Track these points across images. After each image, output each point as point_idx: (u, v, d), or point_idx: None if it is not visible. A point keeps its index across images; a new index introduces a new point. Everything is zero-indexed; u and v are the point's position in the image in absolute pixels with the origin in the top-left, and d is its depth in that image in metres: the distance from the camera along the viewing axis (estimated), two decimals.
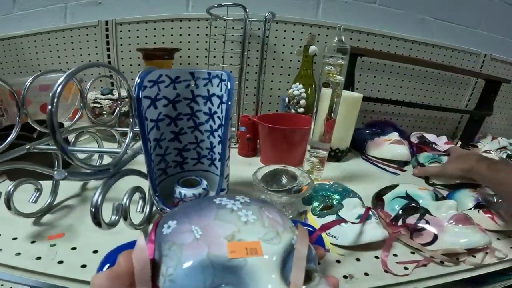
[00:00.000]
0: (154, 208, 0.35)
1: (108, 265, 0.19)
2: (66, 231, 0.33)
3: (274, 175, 0.41)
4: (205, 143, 0.40)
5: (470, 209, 0.42)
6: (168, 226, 0.18)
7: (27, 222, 0.34)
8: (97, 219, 0.24)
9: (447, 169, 0.51)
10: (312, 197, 0.40)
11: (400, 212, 0.39)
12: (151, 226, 0.20)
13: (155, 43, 0.74)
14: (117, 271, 0.16)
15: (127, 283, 0.16)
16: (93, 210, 0.24)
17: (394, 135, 0.72)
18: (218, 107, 0.36)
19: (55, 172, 0.22)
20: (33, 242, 0.31)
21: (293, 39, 0.78)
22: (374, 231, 0.34)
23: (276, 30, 0.76)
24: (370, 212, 0.36)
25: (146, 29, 0.73)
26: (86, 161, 0.24)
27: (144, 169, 0.33)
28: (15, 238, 0.31)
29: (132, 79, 0.77)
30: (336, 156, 0.63)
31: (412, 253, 0.34)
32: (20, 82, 0.59)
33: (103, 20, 0.72)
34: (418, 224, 0.36)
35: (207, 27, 0.68)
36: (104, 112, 0.58)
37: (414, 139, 0.80)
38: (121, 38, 0.74)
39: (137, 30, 0.73)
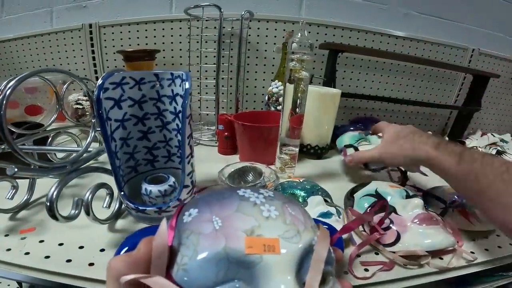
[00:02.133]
0: (123, 205, 0.37)
1: (126, 248, 0.20)
2: (38, 226, 0.35)
3: (242, 172, 0.43)
4: (173, 141, 0.41)
5: (444, 207, 0.41)
6: (189, 214, 0.18)
7: (4, 217, 0.36)
8: (52, 212, 0.25)
9: (387, 154, 0.41)
10: None
11: (368, 210, 0.38)
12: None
13: (138, 44, 0.75)
14: (136, 257, 0.16)
15: (144, 269, 0.15)
16: (48, 204, 0.25)
17: None
18: (182, 106, 0.37)
19: (7, 168, 0.23)
20: (6, 235, 0.33)
21: (275, 36, 0.78)
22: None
23: (258, 28, 0.77)
24: (331, 210, 0.36)
25: (129, 31, 0.75)
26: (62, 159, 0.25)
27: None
28: None
29: None
30: (316, 153, 0.64)
31: (376, 253, 0.33)
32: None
33: (87, 23, 0.73)
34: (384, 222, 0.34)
35: (189, 28, 0.69)
36: (87, 113, 0.60)
37: None
38: (105, 40, 0.75)
39: (121, 32, 0.75)
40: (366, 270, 0.30)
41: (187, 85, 0.33)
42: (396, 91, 0.92)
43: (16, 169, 0.24)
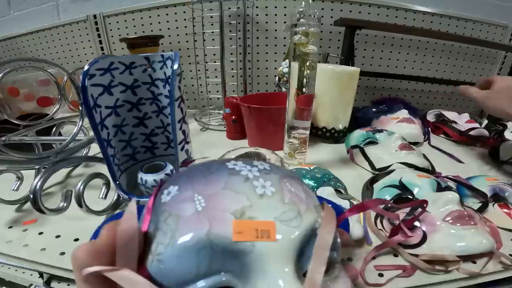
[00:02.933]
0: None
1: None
2: (40, 217, 0.34)
3: (245, 158, 0.39)
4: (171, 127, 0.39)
5: (483, 202, 0.34)
6: (168, 193, 0.15)
7: (10, 209, 0.36)
8: (36, 205, 0.24)
9: (492, 101, 0.40)
10: None
11: (389, 205, 0.31)
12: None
13: (144, 32, 0.74)
14: (96, 245, 0.13)
15: (108, 259, 0.13)
16: (32, 196, 0.24)
17: (403, 113, 0.65)
18: (170, 89, 0.34)
19: None
20: (10, 227, 0.33)
21: (285, 15, 0.73)
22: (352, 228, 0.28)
23: (266, 7, 0.72)
24: (344, 204, 0.31)
25: (133, 19, 0.73)
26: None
27: None
28: None
29: None
30: (332, 137, 0.59)
31: (395, 255, 0.28)
32: (19, 78, 0.63)
33: (91, 14, 0.73)
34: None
35: (193, 11, 0.66)
36: None
37: (430, 117, 0.72)
38: (111, 30, 0.75)
39: (125, 21, 0.73)
40: (381, 275, 0.26)
41: (175, 66, 0.30)
42: (426, 70, 0.83)
43: None
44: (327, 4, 0.72)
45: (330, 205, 0.16)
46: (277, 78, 0.65)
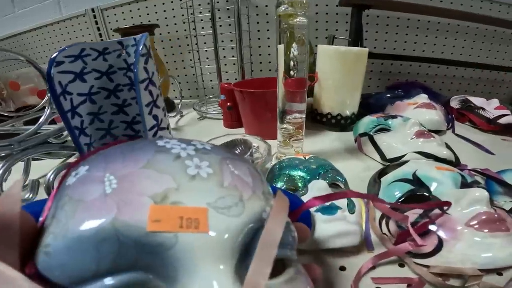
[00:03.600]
0: None
1: None
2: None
3: (233, 147, 0.36)
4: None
5: None
6: (75, 174, 0.12)
7: None
8: None
9: None
10: (275, 176, 0.30)
11: (398, 202, 0.27)
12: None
13: (141, 22, 0.73)
14: None
15: None
16: None
17: (422, 98, 0.58)
18: (151, 74, 0.32)
19: None
20: None
21: None
22: (345, 231, 0.23)
23: None
24: (338, 202, 0.24)
25: (130, 11, 0.73)
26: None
27: None
28: None
29: None
30: (338, 124, 0.54)
31: (401, 265, 0.23)
32: (22, 73, 0.65)
33: (89, 8, 0.73)
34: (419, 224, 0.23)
35: None
36: None
37: (454, 103, 0.64)
38: (109, 22, 0.75)
39: (122, 12, 0.73)
40: None
41: (140, 48, 0.28)
42: (449, 53, 0.74)
43: None
44: None
45: (285, 195, 0.13)
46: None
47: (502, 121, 0.52)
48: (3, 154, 0.25)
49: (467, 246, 0.21)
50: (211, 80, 0.66)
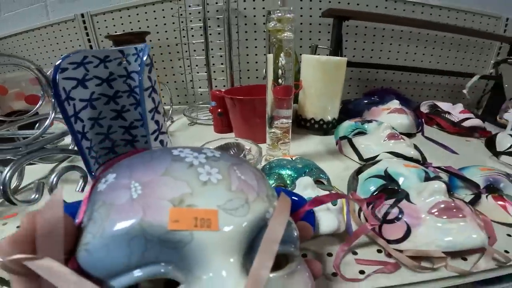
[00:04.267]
0: None
1: None
2: (20, 211, 0.34)
3: (226, 149, 0.39)
4: None
5: (476, 193, 0.32)
6: (105, 181, 0.14)
7: None
8: (6, 196, 0.24)
9: None
10: (266, 175, 0.34)
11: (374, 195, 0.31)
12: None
13: (132, 29, 0.74)
14: (16, 234, 0.12)
15: (30, 249, 0.12)
16: (1, 187, 0.24)
17: (394, 103, 0.64)
18: (153, 82, 0.34)
19: None
20: None
21: None
22: (327, 219, 0.26)
23: (254, 0, 0.71)
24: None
25: (121, 17, 0.74)
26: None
27: None
28: None
29: None
30: (321, 128, 0.59)
31: (379, 251, 0.26)
32: (9, 77, 0.64)
33: (78, 13, 0.73)
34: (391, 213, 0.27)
35: (180, 7, 0.66)
36: None
37: (424, 108, 0.71)
38: (99, 28, 0.75)
39: (113, 19, 0.74)
40: (362, 272, 0.24)
41: (144, 58, 0.30)
42: (419, 61, 0.82)
43: None
44: None
45: (287, 196, 0.15)
46: (264, 71, 0.64)
47: (466, 124, 0.59)
48: (8, 157, 0.27)
49: (431, 231, 0.24)
50: (200, 87, 0.68)
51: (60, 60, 0.30)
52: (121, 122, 0.38)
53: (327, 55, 0.71)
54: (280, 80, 0.38)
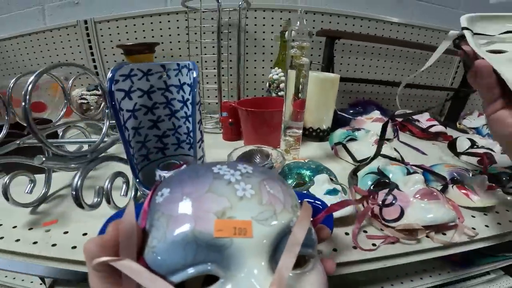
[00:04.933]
0: (139, 193, 0.38)
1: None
2: (60, 218, 0.36)
3: (249, 155, 0.44)
4: (182, 129, 0.42)
5: (444, 184, 0.41)
6: (161, 194, 0.17)
7: (25, 212, 0.37)
8: (78, 201, 0.26)
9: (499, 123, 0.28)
10: (287, 175, 0.41)
11: (371, 187, 0.40)
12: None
13: (136, 38, 0.76)
14: (104, 239, 0.16)
15: (114, 252, 0.15)
16: (74, 193, 0.26)
17: (376, 114, 0.75)
18: (189, 94, 0.38)
19: (34, 158, 0.24)
20: (30, 229, 0.34)
21: (272, 25, 0.79)
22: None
23: (255, 17, 0.77)
24: (337, 187, 0.37)
25: (126, 26, 0.75)
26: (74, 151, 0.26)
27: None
28: (14, 227, 0.34)
29: None
30: (318, 136, 0.66)
31: (382, 229, 0.34)
32: (8, 84, 0.62)
33: (82, 19, 0.73)
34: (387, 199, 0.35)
35: (186, 20, 0.69)
36: (91, 107, 0.61)
37: (398, 117, 0.82)
38: (102, 36, 0.75)
39: (117, 27, 0.75)
40: (374, 244, 0.32)
41: (194, 74, 0.34)
42: (393, 75, 0.95)
43: (44, 159, 0.25)
44: (310, 16, 0.79)
45: (309, 204, 0.18)
46: (267, 84, 0.71)
47: (432, 130, 0.71)
48: (73, 165, 0.29)
49: (417, 210, 0.33)
50: (208, 97, 0.72)
51: (113, 72, 0.33)
52: (155, 131, 0.42)
53: (318, 69, 0.80)
54: (300, 94, 0.44)
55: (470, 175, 0.42)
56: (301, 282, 0.16)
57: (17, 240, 0.32)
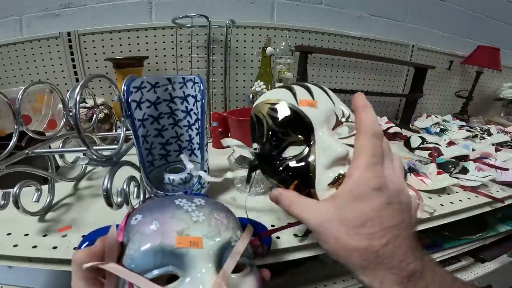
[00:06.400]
0: (147, 195, 0.41)
1: (87, 243, 0.25)
2: (72, 224, 0.37)
3: (245, 157, 0.49)
4: (184, 137, 0.46)
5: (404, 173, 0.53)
6: (135, 219, 0.23)
7: (32, 220, 0.37)
8: (108, 200, 0.30)
9: (329, 230, 0.22)
10: None
11: None
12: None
13: (121, 52, 0.77)
14: (94, 250, 0.20)
15: (98, 260, 0.20)
16: (105, 193, 0.29)
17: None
18: (193, 105, 0.43)
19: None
20: (45, 235, 0.35)
21: (252, 41, 0.86)
22: None
23: (237, 34, 0.84)
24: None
25: (111, 39, 0.75)
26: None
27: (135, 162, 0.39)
28: (26, 234, 0.35)
29: (101, 87, 0.79)
30: None
31: None
32: None
33: (64, 31, 0.72)
34: None
35: (172, 35, 0.73)
36: (82, 119, 0.61)
37: None
38: (85, 48, 0.75)
39: (102, 40, 0.75)
40: None
41: (202, 86, 0.39)
42: (356, 84, 1.08)
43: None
44: (285, 32, 0.88)
45: (252, 227, 0.26)
46: (250, 96, 0.77)
47: (390, 131, 0.84)
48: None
49: None
50: None
51: (127, 85, 0.36)
52: (160, 139, 0.45)
53: (293, 81, 0.89)
54: None
55: (423, 164, 0.53)
56: (241, 283, 0.22)
57: (34, 247, 0.33)
